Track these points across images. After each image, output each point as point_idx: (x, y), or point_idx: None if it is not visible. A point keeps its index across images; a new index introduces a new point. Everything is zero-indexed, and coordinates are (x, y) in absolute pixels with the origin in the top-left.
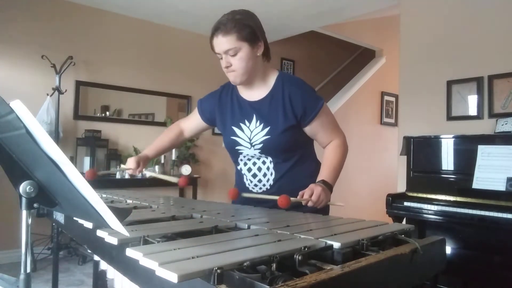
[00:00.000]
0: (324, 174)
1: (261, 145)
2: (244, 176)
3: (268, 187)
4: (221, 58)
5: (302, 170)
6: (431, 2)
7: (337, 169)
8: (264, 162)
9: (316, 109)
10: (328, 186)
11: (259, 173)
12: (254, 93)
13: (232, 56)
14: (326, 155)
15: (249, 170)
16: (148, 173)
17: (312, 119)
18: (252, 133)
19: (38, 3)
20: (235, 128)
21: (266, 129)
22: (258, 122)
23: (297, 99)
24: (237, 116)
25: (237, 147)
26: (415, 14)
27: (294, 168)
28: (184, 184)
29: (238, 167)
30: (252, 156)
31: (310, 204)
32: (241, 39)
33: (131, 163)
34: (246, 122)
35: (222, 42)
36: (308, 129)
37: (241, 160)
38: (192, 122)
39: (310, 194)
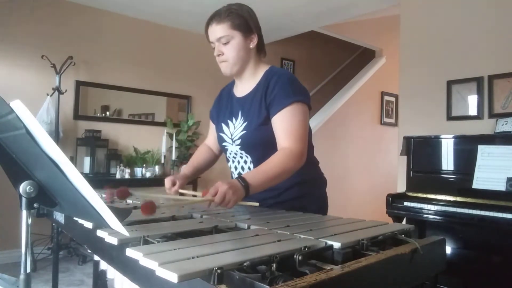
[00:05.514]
0: (249, 173)
1: (239, 140)
2: (232, 174)
3: None
4: (214, 47)
5: None
6: (431, 2)
7: (267, 172)
8: (245, 162)
9: (282, 103)
10: (245, 185)
11: (243, 172)
12: (243, 88)
13: (224, 44)
14: (268, 159)
15: (236, 168)
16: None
17: (275, 112)
18: (235, 129)
19: (39, 3)
20: (223, 125)
21: (244, 124)
22: (242, 118)
23: (271, 88)
24: (227, 113)
25: (223, 143)
26: (415, 14)
27: None
28: None
29: (228, 164)
30: (236, 154)
31: (213, 205)
32: (233, 28)
33: (166, 182)
34: (234, 119)
35: (216, 30)
36: (272, 123)
37: (229, 157)
38: (212, 136)
39: (214, 193)
